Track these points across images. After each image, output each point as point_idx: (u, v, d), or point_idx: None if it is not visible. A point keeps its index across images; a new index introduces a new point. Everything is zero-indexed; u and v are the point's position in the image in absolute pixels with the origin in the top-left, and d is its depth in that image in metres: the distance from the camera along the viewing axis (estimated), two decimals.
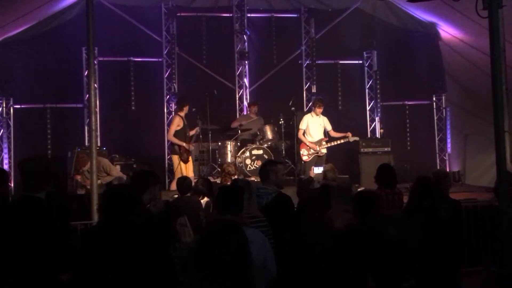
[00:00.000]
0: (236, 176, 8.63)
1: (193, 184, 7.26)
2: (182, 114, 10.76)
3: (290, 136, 12.33)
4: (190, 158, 10.79)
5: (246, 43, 13.53)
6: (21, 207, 3.63)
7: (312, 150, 11.28)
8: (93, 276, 3.59)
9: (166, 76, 13.21)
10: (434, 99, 14.28)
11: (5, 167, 12.17)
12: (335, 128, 11.59)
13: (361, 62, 14.19)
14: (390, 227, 2.33)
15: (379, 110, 13.80)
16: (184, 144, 10.52)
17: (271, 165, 5.77)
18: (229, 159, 11.66)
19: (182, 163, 10.51)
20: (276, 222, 4.61)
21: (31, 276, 3.51)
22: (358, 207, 4.63)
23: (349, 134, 11.47)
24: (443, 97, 14.13)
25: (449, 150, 14.10)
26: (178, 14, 13.22)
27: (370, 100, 14.04)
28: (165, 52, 13.19)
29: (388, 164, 6.42)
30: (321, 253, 3.94)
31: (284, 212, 5.01)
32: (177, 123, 10.63)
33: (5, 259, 3.51)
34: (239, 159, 11.54)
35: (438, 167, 13.83)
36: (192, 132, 11.05)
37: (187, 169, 10.54)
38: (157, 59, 13.31)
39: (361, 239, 2.60)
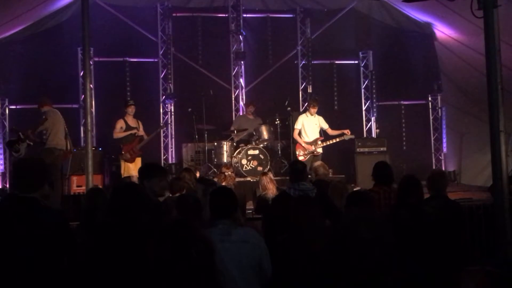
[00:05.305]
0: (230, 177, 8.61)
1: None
2: (126, 116, 10.87)
3: (286, 136, 12.34)
4: (138, 159, 10.70)
5: (242, 44, 13.52)
6: (19, 207, 3.61)
7: (307, 150, 11.29)
8: (97, 274, 3.58)
9: (162, 76, 13.21)
10: (429, 98, 14.31)
11: (0, 167, 12.15)
12: (330, 128, 11.58)
13: (356, 62, 14.20)
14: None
15: (375, 110, 13.83)
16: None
17: None
18: (225, 159, 11.65)
19: (127, 163, 10.57)
20: None
21: (33, 274, 3.49)
22: (350, 206, 4.66)
23: (348, 131, 11.46)
24: (439, 97, 14.16)
25: (444, 149, 14.12)
26: (174, 15, 13.24)
27: (366, 100, 14.05)
28: (161, 52, 13.19)
29: (385, 161, 6.44)
30: (319, 252, 3.94)
31: None
32: (119, 125, 10.80)
33: (9, 258, 3.49)
34: (235, 159, 11.53)
35: (434, 167, 13.87)
36: (140, 133, 10.96)
37: (131, 169, 10.45)
38: (153, 60, 13.31)
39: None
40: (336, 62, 13.98)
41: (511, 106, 6.35)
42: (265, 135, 11.91)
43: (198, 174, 8.29)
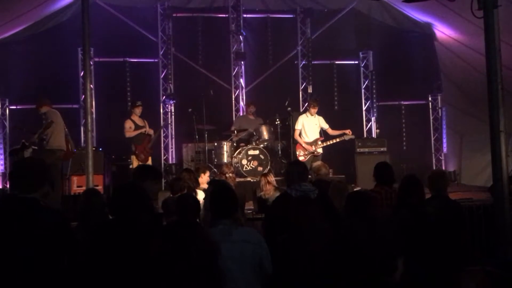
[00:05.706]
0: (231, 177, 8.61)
1: None
2: (133, 116, 11.05)
3: (286, 137, 12.33)
4: (149, 158, 11.05)
5: (242, 44, 13.52)
6: (19, 207, 3.60)
7: (308, 151, 11.28)
8: (97, 274, 3.59)
9: (162, 76, 13.21)
10: (429, 99, 14.31)
11: (1, 168, 12.14)
12: (331, 128, 11.57)
13: (357, 62, 14.20)
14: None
15: (375, 110, 13.82)
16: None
17: None
18: (225, 159, 11.64)
19: (140, 164, 10.65)
20: None
21: (33, 274, 3.49)
22: (351, 206, 4.66)
23: (349, 131, 11.44)
24: (439, 97, 14.16)
25: (445, 150, 14.12)
26: (174, 15, 13.24)
27: (366, 100, 14.05)
28: (161, 52, 13.19)
29: (386, 162, 6.45)
30: (319, 252, 3.94)
31: None
32: (128, 125, 10.94)
33: (8, 258, 3.49)
34: (235, 159, 11.52)
35: (434, 167, 13.86)
36: (149, 131, 11.13)
37: None
38: (153, 60, 13.31)
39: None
40: (336, 62, 13.97)
41: (511, 106, 6.35)
42: (265, 135, 11.90)
43: (208, 174, 8.27)
